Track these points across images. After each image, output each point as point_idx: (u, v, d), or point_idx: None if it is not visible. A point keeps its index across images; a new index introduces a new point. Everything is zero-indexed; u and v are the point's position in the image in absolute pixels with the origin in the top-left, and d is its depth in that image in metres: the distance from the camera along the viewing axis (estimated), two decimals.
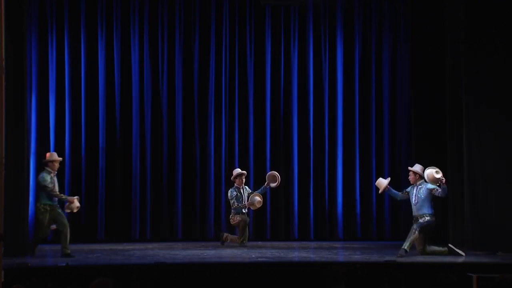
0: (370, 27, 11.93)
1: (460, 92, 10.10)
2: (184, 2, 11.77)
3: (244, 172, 10.78)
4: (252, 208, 10.64)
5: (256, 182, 11.44)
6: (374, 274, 7.57)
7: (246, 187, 10.78)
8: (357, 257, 8.86)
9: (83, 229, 11.29)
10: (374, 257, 8.66)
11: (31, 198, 10.84)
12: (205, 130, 11.73)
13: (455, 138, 10.39)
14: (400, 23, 11.86)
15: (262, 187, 10.72)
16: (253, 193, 10.65)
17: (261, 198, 10.54)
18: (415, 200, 9.11)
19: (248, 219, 10.63)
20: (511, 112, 9.52)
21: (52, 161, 9.13)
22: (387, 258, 8.37)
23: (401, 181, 11.68)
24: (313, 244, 11.09)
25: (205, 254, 9.15)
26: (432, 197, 9.02)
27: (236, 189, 10.61)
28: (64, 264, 7.75)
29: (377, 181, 9.59)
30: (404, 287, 4.98)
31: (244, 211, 10.55)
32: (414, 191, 9.16)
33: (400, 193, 9.44)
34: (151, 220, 11.47)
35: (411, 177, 9.27)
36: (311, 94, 11.90)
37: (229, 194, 10.63)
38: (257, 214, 11.46)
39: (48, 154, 9.34)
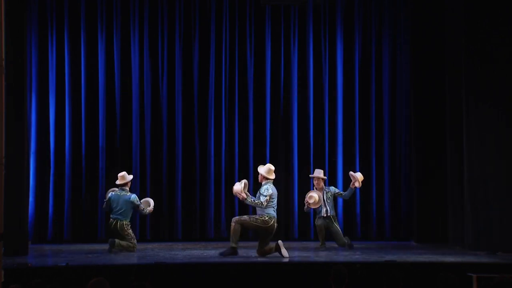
0: (370, 27, 11.92)
1: (460, 92, 10.11)
2: (184, 2, 11.78)
3: (324, 177, 10.38)
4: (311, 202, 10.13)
5: (255, 182, 11.44)
6: (374, 274, 7.58)
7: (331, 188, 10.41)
8: (357, 257, 8.86)
9: (83, 229, 11.31)
10: (374, 257, 8.66)
11: (31, 198, 10.87)
12: (205, 130, 11.73)
13: (455, 138, 10.40)
14: (400, 22, 11.86)
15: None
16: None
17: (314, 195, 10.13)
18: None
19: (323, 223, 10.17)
20: (511, 112, 9.52)
21: (129, 181, 9.92)
22: (387, 258, 8.37)
23: (400, 180, 11.73)
24: (313, 244, 11.08)
25: (205, 254, 9.15)
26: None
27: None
28: (64, 264, 7.76)
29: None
30: (403, 287, 4.98)
31: (322, 214, 10.13)
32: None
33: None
34: (151, 220, 11.47)
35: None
36: (311, 94, 11.89)
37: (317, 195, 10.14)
38: None
39: (124, 175, 9.87)
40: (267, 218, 8.77)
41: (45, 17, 11.41)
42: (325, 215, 10.08)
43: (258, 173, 9.12)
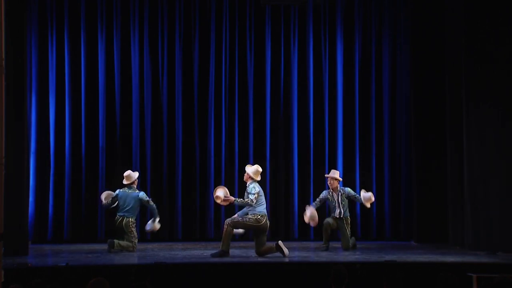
0: (370, 27, 11.93)
1: (460, 92, 10.11)
2: (184, 2, 11.78)
3: (339, 178, 10.18)
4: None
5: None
6: (374, 274, 7.58)
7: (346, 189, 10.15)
8: (357, 257, 8.86)
9: (83, 229, 11.31)
10: (374, 257, 8.66)
11: (31, 198, 10.86)
12: (205, 130, 11.73)
13: (455, 138, 10.40)
14: (400, 22, 11.86)
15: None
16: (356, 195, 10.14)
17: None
18: None
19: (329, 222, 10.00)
20: (511, 112, 9.52)
21: (136, 179, 9.96)
22: (387, 258, 8.37)
23: (400, 180, 11.73)
24: (313, 244, 11.08)
25: (205, 254, 9.15)
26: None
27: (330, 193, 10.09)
28: (64, 264, 7.76)
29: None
30: (403, 287, 4.98)
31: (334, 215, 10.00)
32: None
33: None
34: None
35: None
36: (311, 94, 11.89)
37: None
38: None
39: (130, 174, 9.91)
40: (259, 216, 8.79)
41: (45, 17, 11.41)
42: (338, 216, 10.02)
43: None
